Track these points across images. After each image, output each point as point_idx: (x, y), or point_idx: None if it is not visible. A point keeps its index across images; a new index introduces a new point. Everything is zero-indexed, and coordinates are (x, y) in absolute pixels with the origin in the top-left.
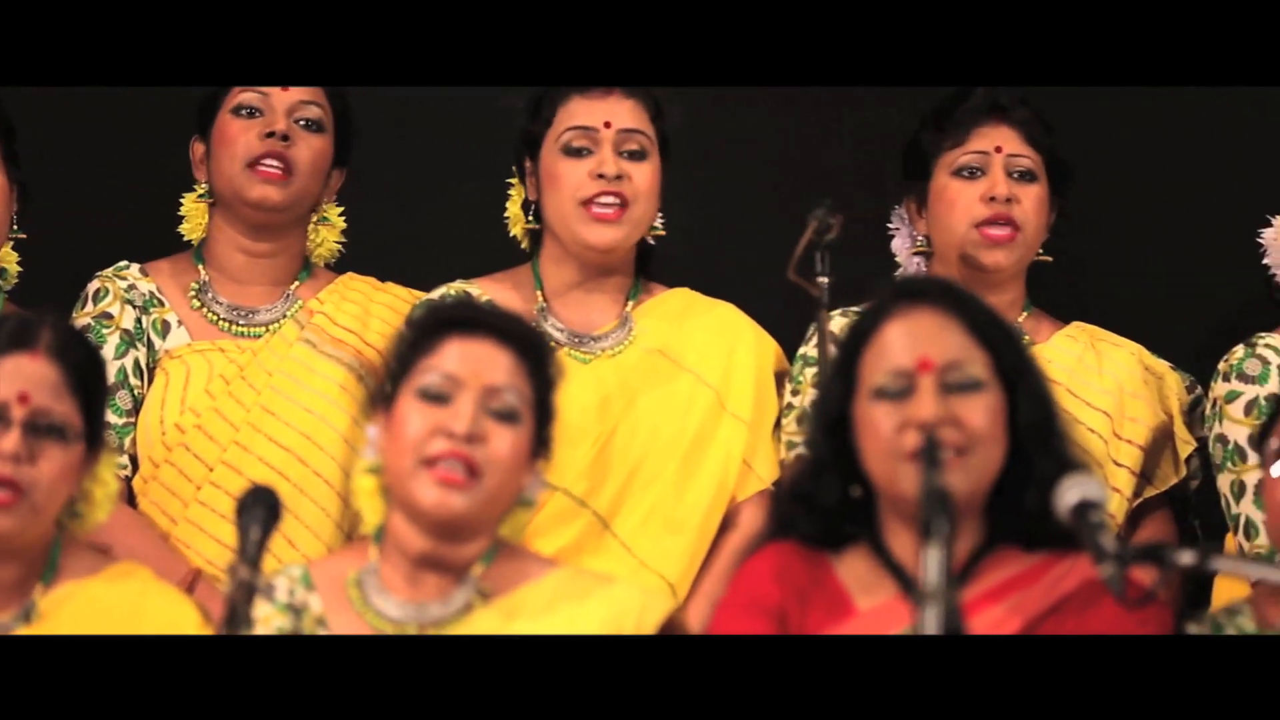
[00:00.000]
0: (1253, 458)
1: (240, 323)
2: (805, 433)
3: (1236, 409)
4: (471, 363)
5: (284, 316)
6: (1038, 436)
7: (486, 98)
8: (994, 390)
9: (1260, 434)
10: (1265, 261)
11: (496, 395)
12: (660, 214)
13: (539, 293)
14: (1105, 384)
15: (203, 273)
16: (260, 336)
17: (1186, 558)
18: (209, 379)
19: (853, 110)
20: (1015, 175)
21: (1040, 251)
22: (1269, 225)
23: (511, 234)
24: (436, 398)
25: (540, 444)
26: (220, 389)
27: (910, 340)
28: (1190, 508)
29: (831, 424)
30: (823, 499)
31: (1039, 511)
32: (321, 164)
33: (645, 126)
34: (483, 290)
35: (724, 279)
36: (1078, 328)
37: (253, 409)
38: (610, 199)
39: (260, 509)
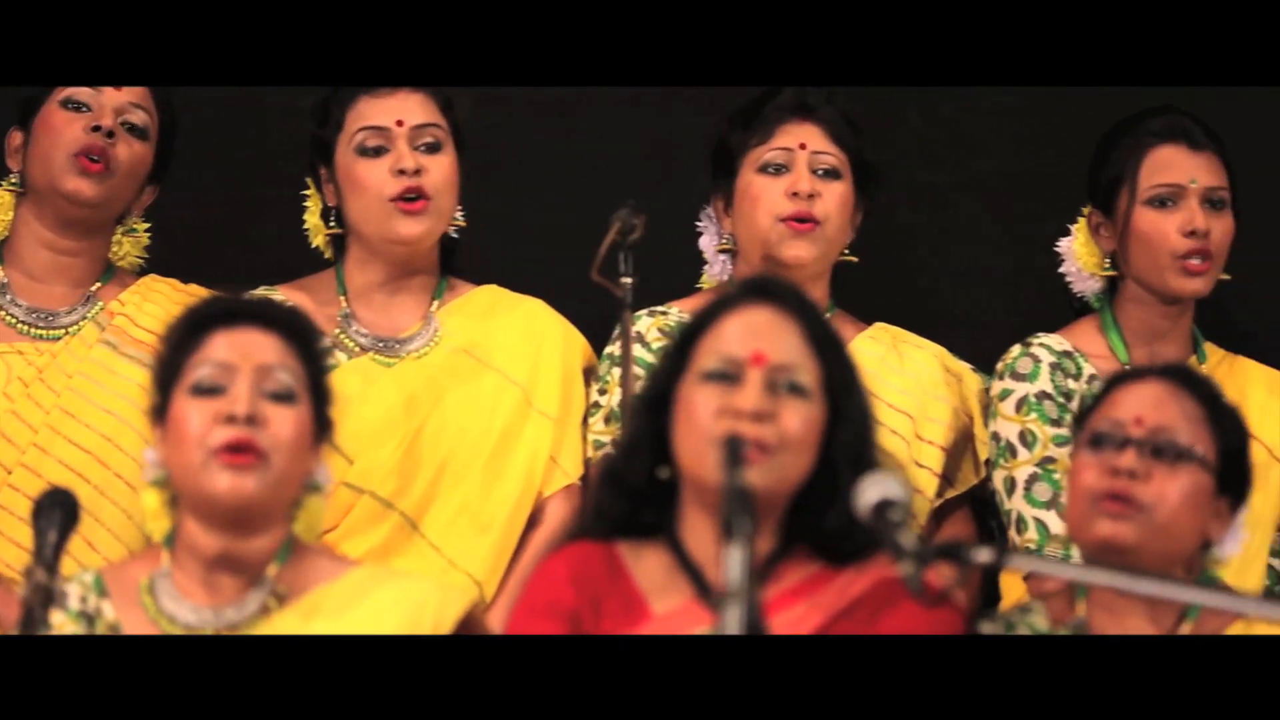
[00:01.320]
0: (1023, 453)
1: (39, 325)
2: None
3: (1008, 406)
4: (240, 348)
5: (84, 319)
6: (850, 456)
7: (294, 99)
8: (817, 402)
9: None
10: (1061, 270)
11: (270, 375)
12: (460, 207)
13: (342, 298)
14: (907, 385)
15: (1, 274)
16: (60, 339)
17: (983, 556)
18: (6, 382)
19: (658, 109)
20: (819, 172)
21: (845, 251)
22: (1068, 234)
23: (314, 245)
24: (211, 390)
25: (321, 426)
26: (18, 391)
27: (749, 333)
28: (990, 508)
29: (653, 402)
30: (631, 478)
31: (839, 532)
32: (139, 170)
33: (437, 119)
34: (285, 296)
35: (532, 277)
36: (880, 328)
37: (52, 411)
38: (413, 193)
39: (57, 512)
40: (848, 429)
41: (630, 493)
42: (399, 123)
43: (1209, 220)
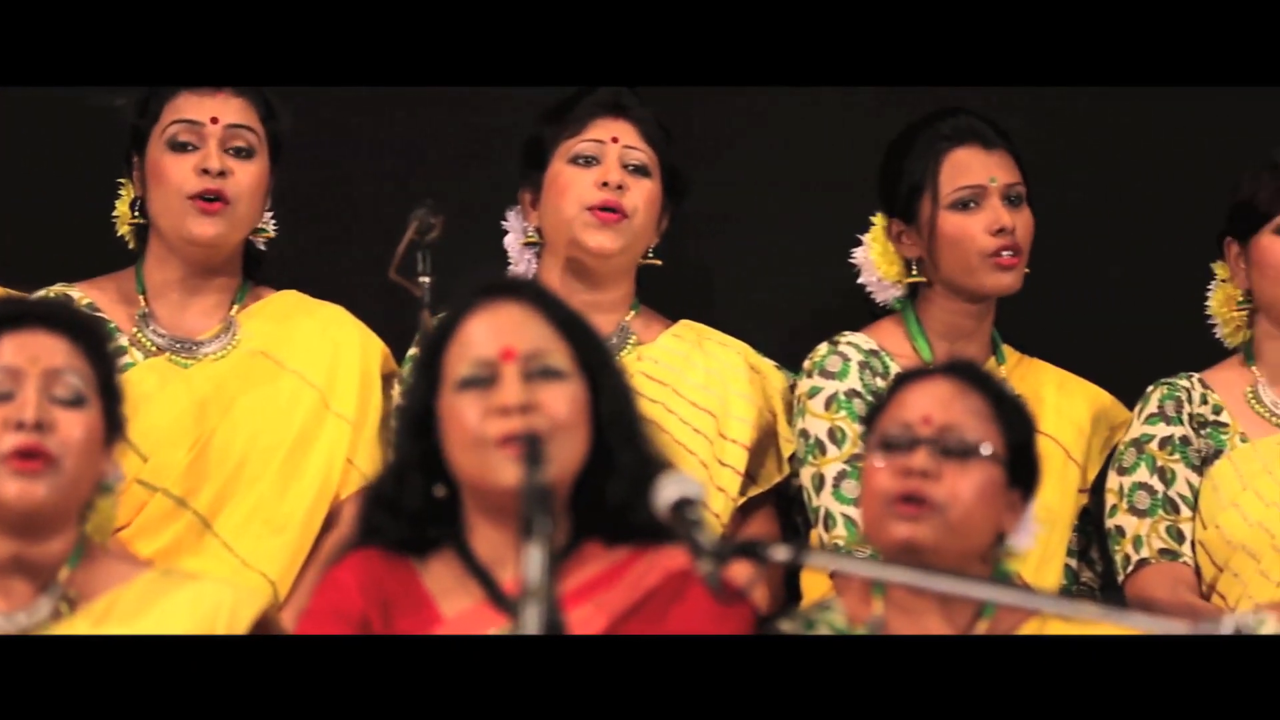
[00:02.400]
0: (832, 451)
1: None
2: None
3: (817, 404)
4: (27, 352)
5: None
6: (618, 428)
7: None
8: (575, 381)
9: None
10: (860, 281)
11: (58, 379)
12: (272, 216)
13: (141, 297)
14: (711, 383)
15: None
16: None
17: (781, 554)
18: None
19: (472, 110)
20: (629, 167)
21: (649, 254)
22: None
23: (120, 234)
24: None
25: (113, 426)
26: None
27: (493, 332)
28: (795, 505)
29: (415, 423)
30: (407, 502)
31: (622, 504)
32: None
33: (254, 125)
34: (84, 294)
35: (335, 282)
36: (685, 326)
37: None
38: (213, 195)
39: None
40: (609, 401)
41: (409, 515)
42: (213, 120)
43: (1012, 217)
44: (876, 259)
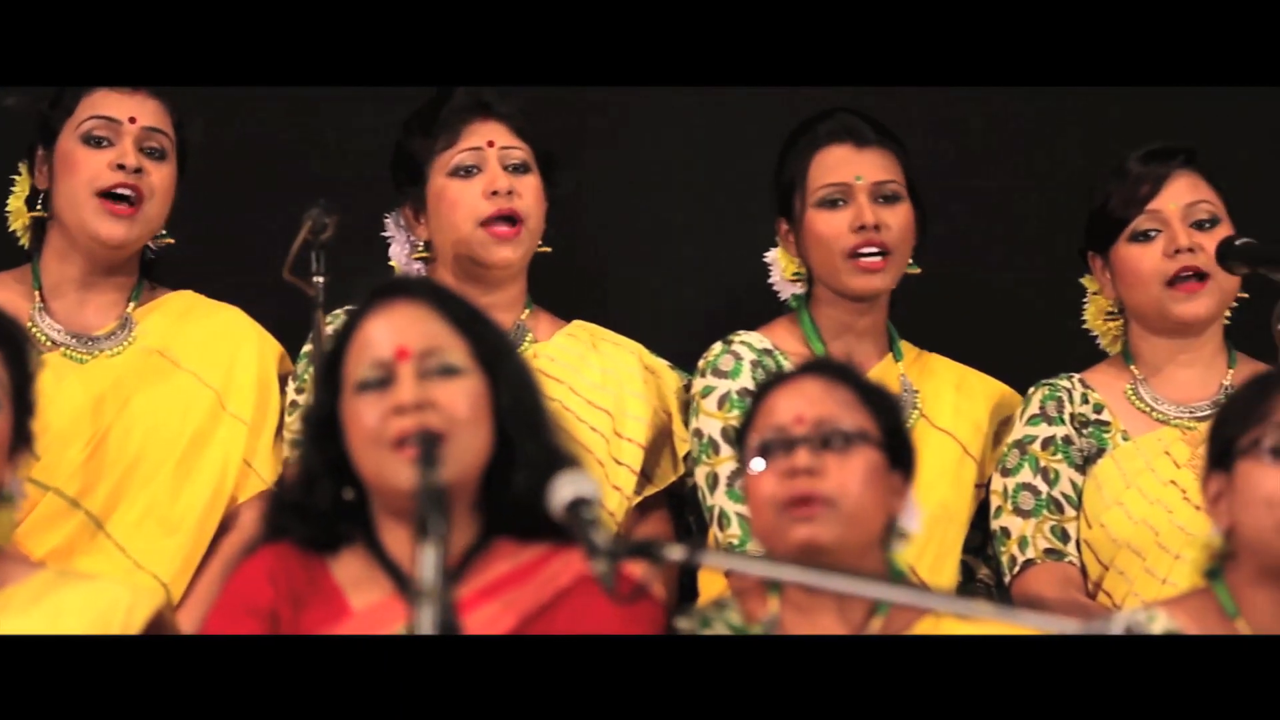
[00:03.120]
0: (725, 450)
1: None
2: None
3: (710, 403)
4: None
5: None
6: (521, 421)
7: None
8: (474, 376)
9: (739, 431)
10: (770, 282)
11: None
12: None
13: (37, 292)
14: (606, 382)
15: None
16: None
17: (676, 554)
18: None
19: (375, 110)
20: (510, 168)
21: (540, 243)
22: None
23: (12, 229)
24: None
25: (20, 438)
26: None
27: (389, 332)
28: (688, 505)
29: (320, 428)
30: (316, 504)
31: (529, 499)
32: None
33: (168, 129)
34: None
35: (231, 283)
36: (578, 326)
37: None
38: (127, 192)
39: None
40: (510, 395)
41: (319, 516)
42: (131, 119)
43: (880, 214)
44: (780, 257)
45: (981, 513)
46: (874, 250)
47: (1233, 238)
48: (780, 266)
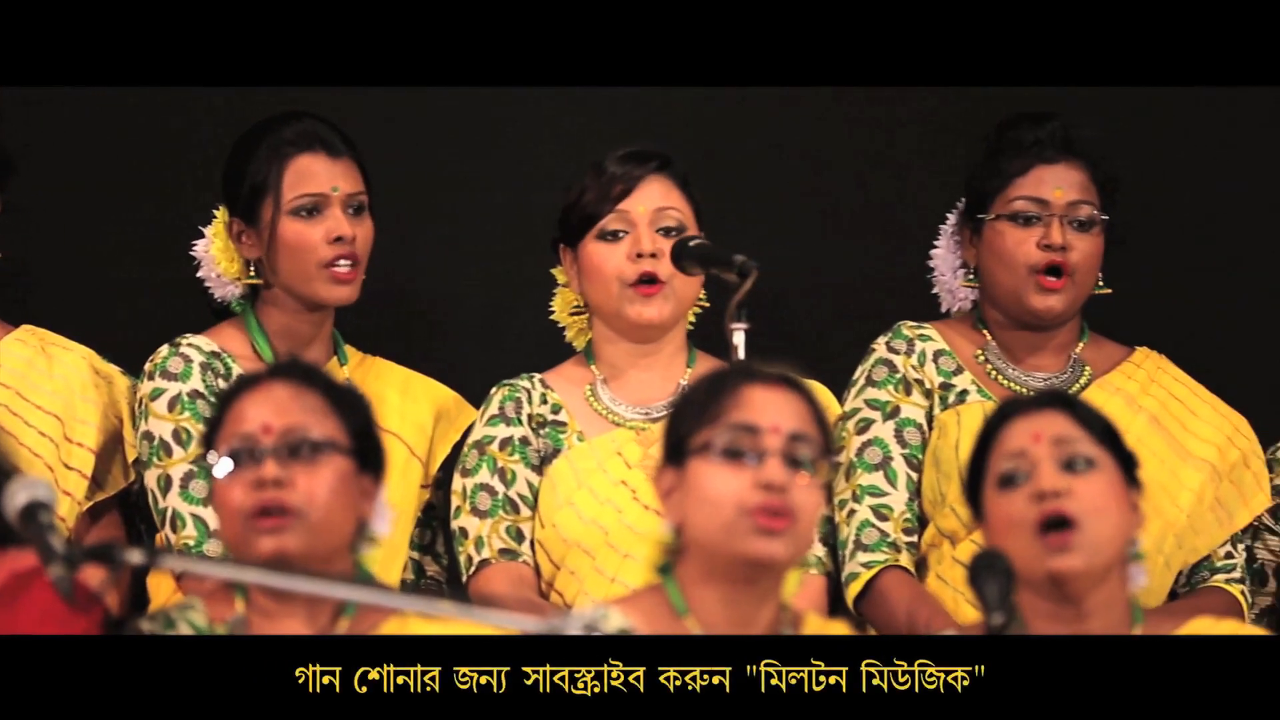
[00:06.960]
0: (178, 451)
1: None
2: None
3: (160, 405)
4: None
5: None
6: None
7: None
8: None
9: (206, 435)
10: (200, 275)
11: None
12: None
13: None
14: (56, 388)
15: None
16: None
17: (135, 557)
18: None
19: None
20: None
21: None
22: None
23: None
24: None
25: None
26: None
27: None
28: (139, 512)
29: None
30: None
31: None
32: None
33: None
34: None
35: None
36: (28, 331)
37: None
38: None
39: None
40: None
41: None
42: None
43: (352, 226)
44: (218, 255)
45: (428, 511)
46: (348, 261)
47: (687, 239)
48: (216, 263)
